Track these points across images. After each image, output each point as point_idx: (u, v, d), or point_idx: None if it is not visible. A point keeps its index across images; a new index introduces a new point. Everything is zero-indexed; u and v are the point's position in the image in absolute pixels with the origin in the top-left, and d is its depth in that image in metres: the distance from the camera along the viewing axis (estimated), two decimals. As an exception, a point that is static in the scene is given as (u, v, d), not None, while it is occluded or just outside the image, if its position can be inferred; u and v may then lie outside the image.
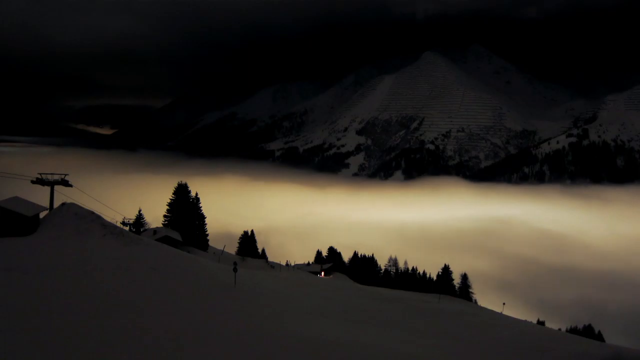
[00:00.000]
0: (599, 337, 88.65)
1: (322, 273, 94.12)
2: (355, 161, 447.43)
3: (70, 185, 39.53)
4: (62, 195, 39.72)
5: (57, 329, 14.41)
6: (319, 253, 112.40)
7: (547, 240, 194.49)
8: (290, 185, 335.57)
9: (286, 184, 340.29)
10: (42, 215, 36.87)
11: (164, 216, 72.20)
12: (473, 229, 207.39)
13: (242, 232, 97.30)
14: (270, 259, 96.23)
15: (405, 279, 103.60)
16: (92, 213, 38.44)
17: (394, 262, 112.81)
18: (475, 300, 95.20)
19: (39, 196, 39.03)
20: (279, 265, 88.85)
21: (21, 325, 14.12)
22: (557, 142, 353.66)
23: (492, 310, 68.32)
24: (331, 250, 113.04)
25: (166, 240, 58.41)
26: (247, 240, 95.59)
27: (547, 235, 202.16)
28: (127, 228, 61.51)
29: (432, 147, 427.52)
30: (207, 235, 77.89)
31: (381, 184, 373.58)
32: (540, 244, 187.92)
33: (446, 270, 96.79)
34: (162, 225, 70.39)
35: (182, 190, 73.13)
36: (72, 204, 38.48)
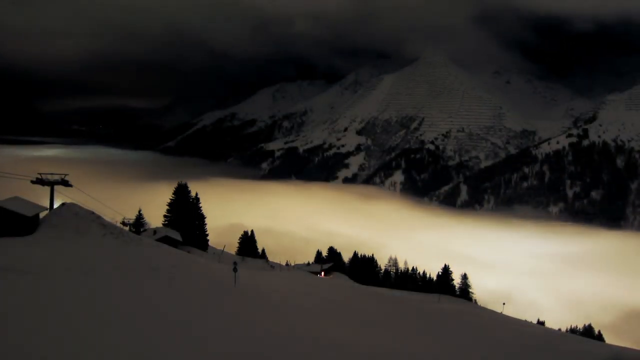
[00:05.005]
0: (599, 337, 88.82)
1: (322, 273, 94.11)
2: (355, 161, 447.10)
3: (70, 185, 39.51)
4: (62, 195, 39.72)
5: (56, 329, 14.39)
6: (319, 253, 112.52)
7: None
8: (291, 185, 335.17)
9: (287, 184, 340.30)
10: (42, 215, 36.86)
11: (164, 216, 72.21)
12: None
13: (242, 232, 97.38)
14: (270, 259, 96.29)
15: (405, 279, 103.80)
16: (92, 213, 38.50)
17: (394, 262, 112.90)
18: (475, 300, 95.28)
19: (39, 196, 39.01)
20: (279, 265, 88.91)
21: (20, 326, 14.11)
22: (557, 142, 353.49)
23: (492, 310, 68.41)
24: (331, 250, 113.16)
25: (166, 240, 58.41)
26: (247, 240, 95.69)
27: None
28: (127, 228, 61.53)
29: (432, 147, 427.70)
30: (207, 235, 77.91)
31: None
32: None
33: (446, 270, 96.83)
34: (162, 225, 70.40)
35: (182, 191, 73.15)
36: (72, 204, 38.51)
